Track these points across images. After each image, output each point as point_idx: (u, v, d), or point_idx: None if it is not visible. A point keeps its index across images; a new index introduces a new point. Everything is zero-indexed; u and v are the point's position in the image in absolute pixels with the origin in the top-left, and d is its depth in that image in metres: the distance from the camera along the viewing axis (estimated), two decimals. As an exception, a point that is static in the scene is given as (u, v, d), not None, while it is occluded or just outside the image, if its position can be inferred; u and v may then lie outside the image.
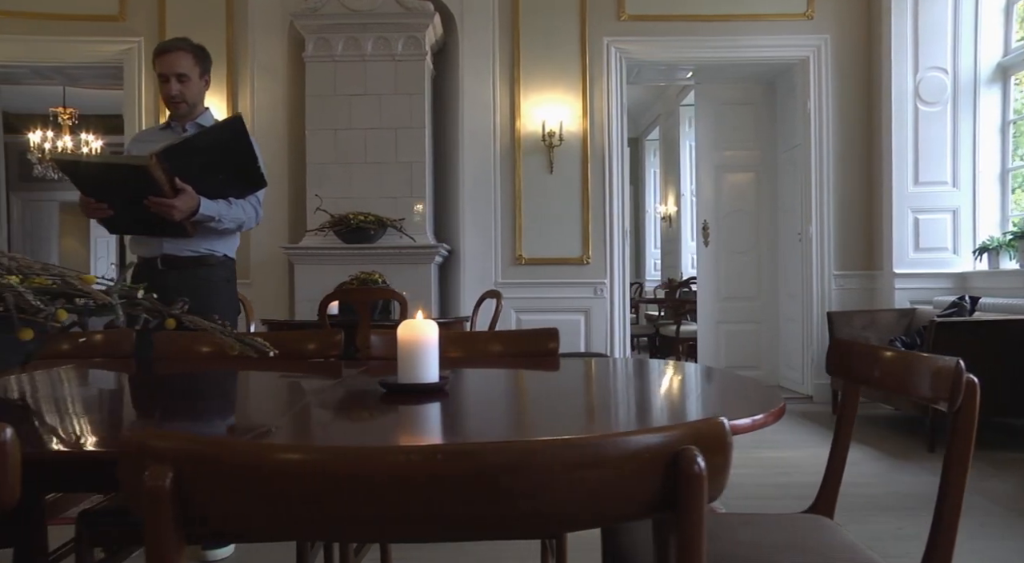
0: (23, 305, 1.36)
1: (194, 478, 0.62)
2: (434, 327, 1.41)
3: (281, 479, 0.61)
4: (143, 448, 0.62)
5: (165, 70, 2.86)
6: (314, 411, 1.31)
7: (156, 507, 0.61)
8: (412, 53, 5.76)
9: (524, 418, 1.30)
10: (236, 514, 0.63)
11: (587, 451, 0.65)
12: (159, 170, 2.45)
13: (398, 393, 1.40)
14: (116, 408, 1.46)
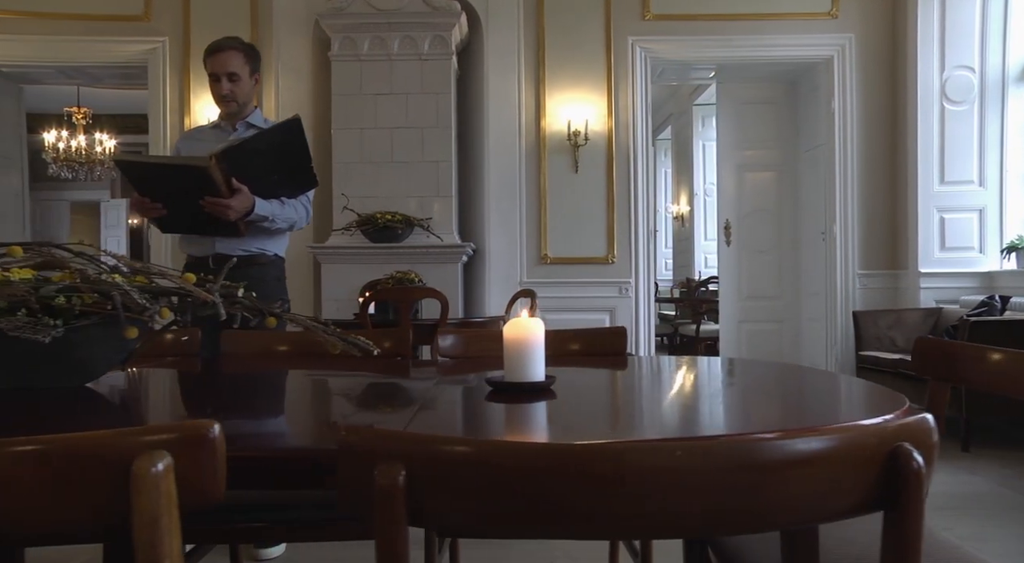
0: (129, 303, 1.36)
1: (425, 476, 0.61)
2: (541, 326, 1.41)
3: (515, 476, 0.61)
4: (372, 446, 0.62)
5: (216, 69, 2.87)
6: (442, 411, 1.31)
7: (389, 505, 0.61)
8: (438, 52, 5.76)
9: (664, 417, 1.29)
10: (466, 511, 0.62)
11: (811, 447, 0.65)
12: (218, 171, 2.45)
13: (505, 392, 1.39)
14: (249, 406, 1.46)
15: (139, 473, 0.64)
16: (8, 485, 0.64)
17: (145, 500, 0.64)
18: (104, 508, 0.66)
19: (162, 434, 0.66)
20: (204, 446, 0.67)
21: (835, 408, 1.24)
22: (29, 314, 1.34)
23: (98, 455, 0.65)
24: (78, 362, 1.41)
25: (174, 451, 0.66)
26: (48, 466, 0.64)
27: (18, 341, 1.32)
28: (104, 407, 1.41)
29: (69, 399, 1.37)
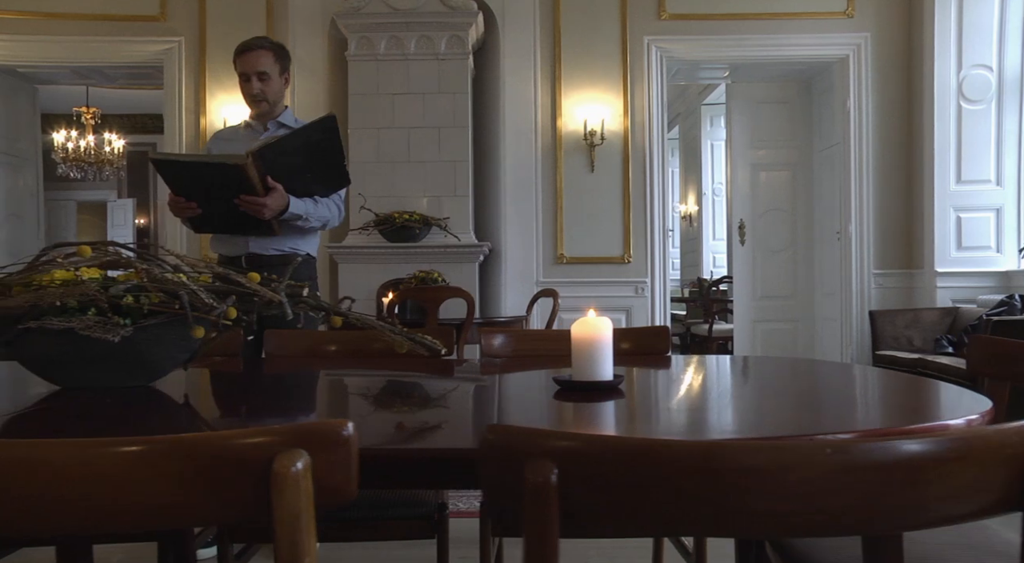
0: (196, 303, 1.35)
1: (576, 474, 0.61)
2: (609, 325, 1.40)
3: (669, 473, 0.60)
4: (521, 444, 0.61)
5: (246, 69, 2.86)
6: (526, 410, 1.30)
7: (541, 503, 0.60)
8: (455, 52, 5.76)
9: (765, 415, 1.28)
10: (618, 509, 0.62)
11: (957, 445, 0.64)
12: (253, 169, 2.45)
13: (574, 390, 1.39)
14: (338, 404, 1.45)
15: (280, 472, 0.64)
16: (151, 481, 0.64)
17: (287, 498, 0.64)
18: (244, 505, 0.65)
19: (300, 433, 0.66)
20: (339, 445, 0.67)
21: (930, 407, 1.24)
22: (99, 313, 1.34)
23: (240, 453, 0.64)
24: (144, 361, 1.41)
25: (311, 450, 0.66)
26: (191, 463, 0.64)
27: (88, 340, 1.32)
28: (207, 407, 1.41)
29: (156, 398, 1.37)
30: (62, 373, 1.40)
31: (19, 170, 6.68)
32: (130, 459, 0.63)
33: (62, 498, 0.63)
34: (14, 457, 0.62)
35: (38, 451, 0.63)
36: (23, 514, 0.63)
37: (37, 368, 1.42)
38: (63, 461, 0.63)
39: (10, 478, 0.63)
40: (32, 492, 0.63)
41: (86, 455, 0.62)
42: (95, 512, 0.63)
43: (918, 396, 1.27)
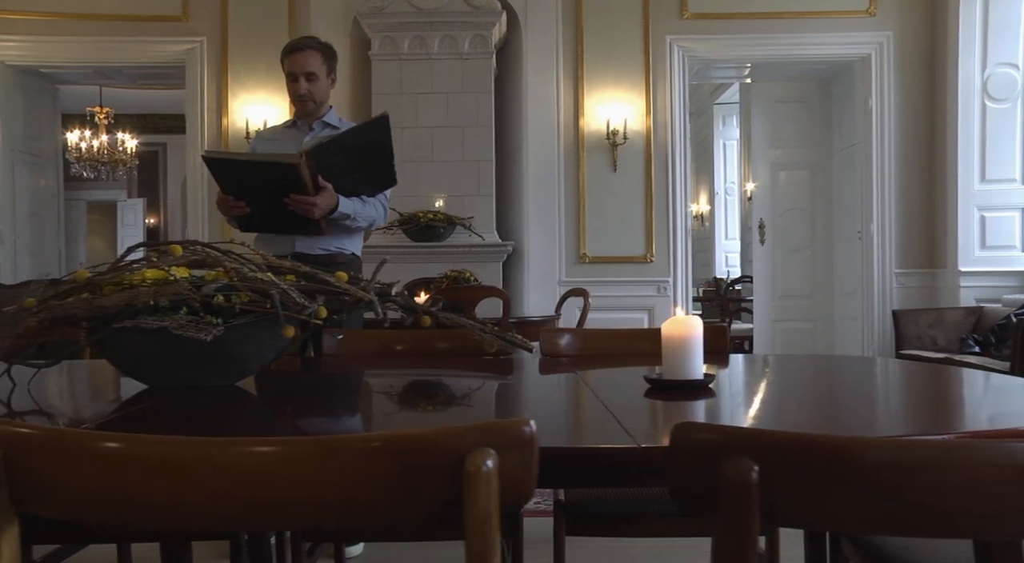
0: (287, 302, 1.35)
1: (775, 471, 0.60)
2: (699, 324, 1.40)
3: (866, 470, 0.60)
4: (721, 443, 0.61)
5: (294, 69, 2.86)
6: (635, 411, 1.29)
7: (741, 500, 0.60)
8: (479, 51, 5.76)
9: (874, 413, 1.28)
10: (815, 506, 0.61)
11: None
12: (306, 168, 2.45)
13: (665, 390, 1.38)
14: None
15: (472, 470, 0.63)
16: (347, 478, 0.63)
17: (480, 497, 0.63)
18: (431, 503, 0.65)
19: (488, 431, 0.65)
20: (523, 444, 0.66)
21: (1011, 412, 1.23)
22: (190, 313, 1.33)
23: (432, 451, 0.64)
24: (233, 361, 1.41)
25: (497, 448, 0.65)
26: (383, 461, 0.64)
27: (180, 339, 1.32)
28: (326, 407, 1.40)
29: (265, 397, 1.37)
30: (152, 372, 1.40)
31: (41, 170, 6.69)
32: (320, 456, 0.63)
33: (251, 495, 0.63)
34: (206, 455, 0.62)
35: (228, 449, 0.63)
36: (218, 510, 0.63)
37: (127, 367, 1.42)
38: (252, 458, 0.63)
39: (202, 474, 0.63)
40: (224, 489, 0.63)
41: (282, 453, 0.62)
42: (287, 509, 0.63)
43: (1009, 394, 1.27)
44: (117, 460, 0.65)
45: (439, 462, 0.64)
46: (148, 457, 0.64)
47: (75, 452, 0.66)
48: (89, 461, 0.66)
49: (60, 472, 0.67)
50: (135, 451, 0.64)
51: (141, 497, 0.65)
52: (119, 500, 0.66)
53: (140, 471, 0.65)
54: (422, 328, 1.70)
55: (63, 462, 0.67)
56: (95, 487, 0.66)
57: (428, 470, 0.64)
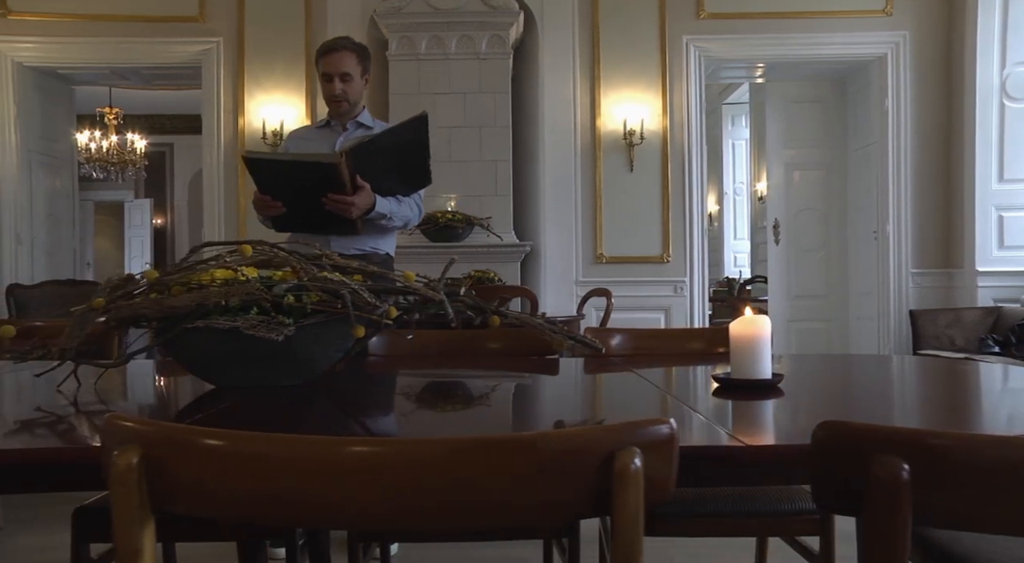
0: (358, 302, 1.35)
1: (926, 470, 0.60)
2: (767, 323, 1.40)
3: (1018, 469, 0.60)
4: (870, 441, 0.61)
5: (329, 69, 2.86)
6: (718, 410, 1.29)
7: (891, 499, 0.60)
8: (496, 52, 5.76)
9: (953, 413, 1.28)
10: (967, 505, 0.61)
11: None
12: (345, 168, 2.45)
13: (734, 389, 1.38)
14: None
15: (622, 469, 0.63)
16: (496, 477, 0.63)
17: (629, 496, 0.63)
18: (578, 503, 0.65)
19: (634, 431, 0.65)
20: (664, 443, 0.66)
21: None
22: (261, 313, 1.33)
23: (583, 451, 0.64)
24: (302, 360, 1.41)
25: (641, 447, 0.65)
26: (534, 460, 0.63)
27: (251, 340, 1.32)
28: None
29: (345, 396, 1.36)
30: (223, 372, 1.40)
31: (56, 171, 6.70)
32: (472, 454, 0.63)
33: (400, 494, 0.63)
34: (374, 454, 0.62)
35: (386, 448, 0.63)
36: (361, 509, 0.63)
37: (196, 367, 1.42)
38: (399, 458, 0.63)
39: (350, 474, 0.63)
40: (370, 488, 0.63)
41: (434, 451, 0.62)
42: (434, 509, 0.63)
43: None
44: (260, 459, 0.65)
45: (587, 462, 0.64)
46: (293, 457, 0.64)
47: (216, 451, 0.66)
48: (230, 460, 0.66)
49: (197, 470, 0.67)
50: (279, 451, 0.64)
51: (284, 496, 0.65)
52: (260, 498, 0.66)
53: (284, 470, 0.65)
54: (469, 328, 1.70)
55: (202, 460, 0.67)
56: (235, 485, 0.66)
57: (575, 470, 0.64)
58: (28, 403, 1.41)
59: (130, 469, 0.68)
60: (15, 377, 1.72)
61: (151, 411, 1.42)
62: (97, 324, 1.44)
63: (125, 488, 0.67)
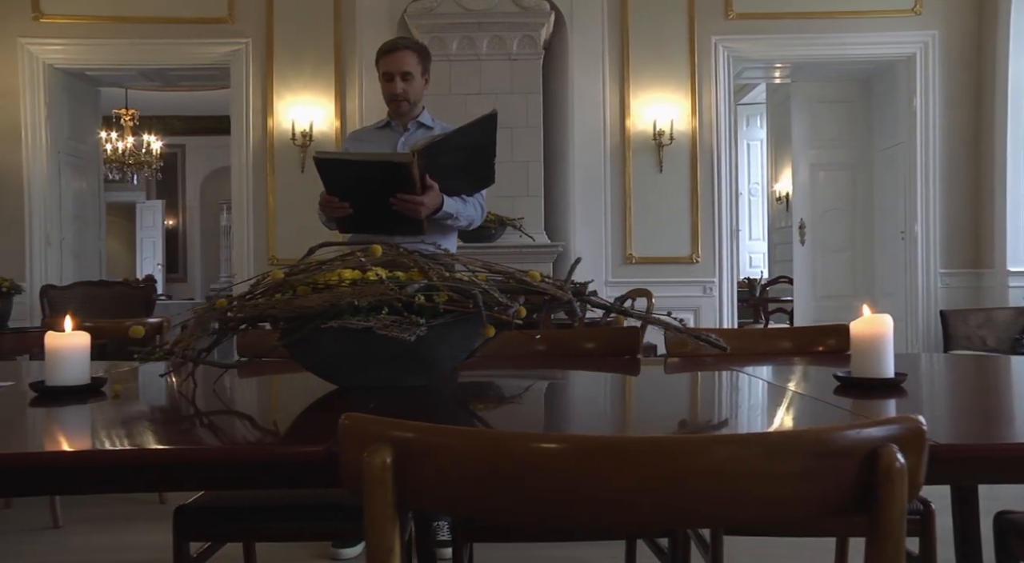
0: (489, 302, 1.36)
1: None
2: (889, 322, 1.40)
3: None
4: None
5: (391, 69, 2.87)
6: (864, 410, 1.29)
7: None
8: (527, 52, 5.76)
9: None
10: None
11: None
12: (416, 167, 2.45)
13: (855, 387, 1.38)
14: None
15: (887, 466, 0.64)
16: (765, 473, 0.64)
17: (896, 492, 0.64)
18: (844, 502, 0.65)
19: (891, 428, 0.66)
20: (917, 439, 0.67)
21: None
22: (391, 313, 1.34)
23: (848, 448, 0.64)
24: (430, 360, 1.41)
25: (897, 444, 0.66)
26: (801, 455, 0.64)
27: (382, 340, 1.32)
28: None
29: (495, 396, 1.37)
30: (350, 372, 1.40)
31: (83, 172, 6.71)
32: (738, 451, 0.63)
33: (671, 490, 0.64)
34: (638, 450, 0.63)
35: (651, 446, 0.63)
36: (649, 507, 0.64)
37: (324, 367, 1.42)
38: (674, 453, 0.63)
39: (646, 471, 0.63)
40: (646, 484, 0.64)
41: (712, 448, 0.63)
42: (703, 505, 0.64)
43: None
44: (523, 457, 0.65)
45: (849, 459, 0.64)
46: (558, 454, 0.64)
47: (474, 450, 0.66)
48: (487, 458, 0.66)
49: (451, 469, 0.68)
50: (542, 449, 0.65)
51: (543, 493, 0.65)
52: (519, 497, 0.66)
53: (545, 469, 0.65)
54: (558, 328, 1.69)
55: (456, 459, 0.67)
56: (492, 484, 0.67)
57: (839, 467, 0.64)
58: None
59: (384, 468, 0.68)
60: (147, 376, 1.73)
61: (290, 411, 1.43)
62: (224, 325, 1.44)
63: (381, 487, 0.68)
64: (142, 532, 3.24)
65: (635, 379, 1.79)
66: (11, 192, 6.05)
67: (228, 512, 1.81)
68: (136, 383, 1.69)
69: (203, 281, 14.94)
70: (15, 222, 6.06)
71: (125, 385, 1.57)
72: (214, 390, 1.49)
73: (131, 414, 1.35)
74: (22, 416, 1.31)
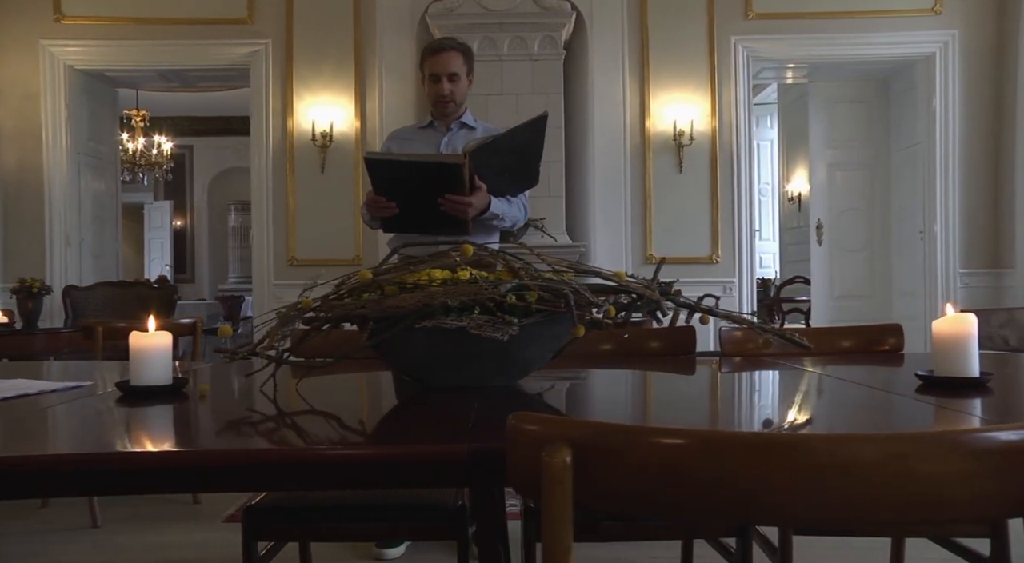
0: (580, 301, 1.36)
1: None
2: (974, 321, 1.40)
3: None
4: None
5: (437, 70, 2.87)
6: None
7: None
8: (548, 53, 5.77)
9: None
10: None
11: None
12: (467, 169, 2.45)
13: (938, 386, 1.38)
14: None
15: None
16: (953, 471, 0.64)
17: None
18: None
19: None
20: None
21: None
22: (483, 312, 1.34)
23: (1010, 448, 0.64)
24: (518, 360, 1.41)
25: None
26: (989, 454, 0.64)
27: (474, 339, 1.32)
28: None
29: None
30: (440, 372, 1.40)
31: (101, 173, 6.72)
32: (924, 449, 0.64)
33: (860, 489, 0.64)
34: (831, 449, 0.63)
35: (840, 445, 0.64)
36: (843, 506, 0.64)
37: (414, 367, 1.42)
38: (861, 452, 0.64)
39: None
40: (835, 483, 0.64)
41: (903, 447, 0.63)
42: (889, 505, 0.64)
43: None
44: (712, 455, 0.65)
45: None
46: (747, 452, 0.64)
47: (659, 448, 0.66)
48: (675, 457, 0.66)
49: (635, 467, 0.68)
50: (733, 448, 0.65)
51: (729, 493, 0.65)
52: (706, 496, 0.67)
53: (730, 467, 0.65)
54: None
55: (639, 458, 0.68)
56: (678, 483, 0.67)
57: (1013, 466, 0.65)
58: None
59: (565, 468, 0.68)
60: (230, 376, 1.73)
61: (377, 411, 1.43)
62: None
63: (562, 486, 0.68)
64: (178, 532, 3.25)
65: (720, 377, 1.79)
66: (32, 193, 6.06)
67: (293, 512, 1.82)
68: (215, 383, 1.70)
69: (211, 282, 14.95)
70: (36, 223, 6.07)
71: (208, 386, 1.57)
72: (296, 390, 1.49)
73: (232, 414, 1.35)
74: (122, 415, 1.31)
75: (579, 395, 1.58)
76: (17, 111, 6.07)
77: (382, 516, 1.82)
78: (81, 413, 1.31)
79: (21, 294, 4.01)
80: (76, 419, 1.29)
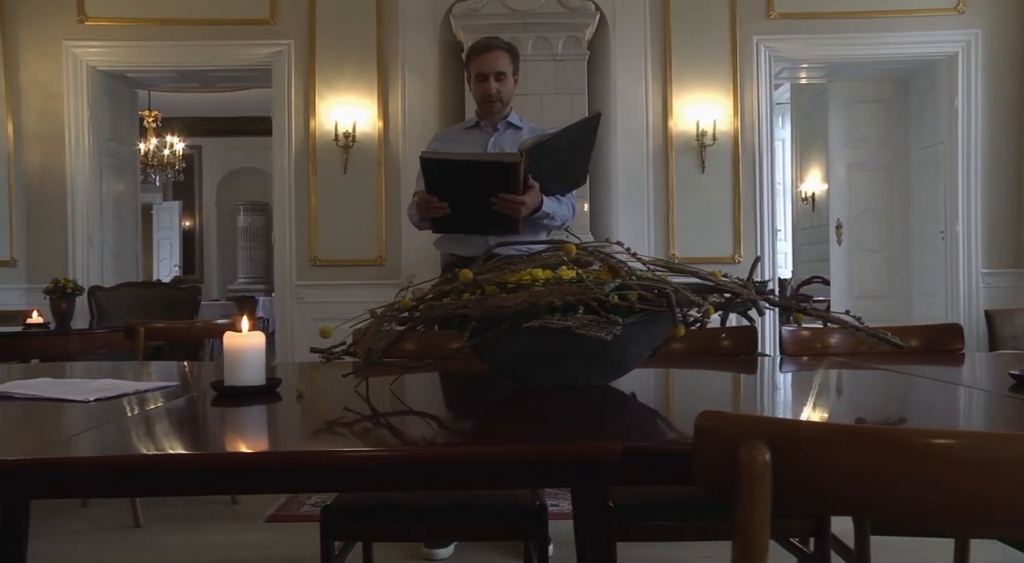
0: (681, 301, 1.36)
1: None
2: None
3: None
4: None
5: (484, 69, 2.86)
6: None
7: None
8: (572, 53, 5.76)
9: None
10: None
11: None
12: (522, 168, 2.45)
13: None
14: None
15: None
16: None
17: None
18: None
19: None
20: None
21: None
22: (587, 312, 1.34)
23: None
24: (617, 359, 1.41)
25: None
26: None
27: (578, 339, 1.32)
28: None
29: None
30: (542, 372, 1.40)
31: (122, 174, 6.72)
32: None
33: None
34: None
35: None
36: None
37: (515, 367, 1.42)
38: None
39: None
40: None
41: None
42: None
43: None
44: (923, 455, 0.65)
45: None
46: (962, 453, 0.64)
47: (866, 446, 0.66)
48: (880, 456, 0.66)
49: (837, 465, 0.68)
50: (946, 448, 0.64)
51: (935, 495, 0.65)
52: (907, 495, 0.66)
53: (940, 468, 0.65)
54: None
55: (839, 456, 0.67)
56: (887, 482, 0.66)
57: None
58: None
59: (765, 466, 0.68)
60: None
61: (477, 414, 1.43)
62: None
63: (763, 484, 0.68)
64: (219, 532, 3.25)
65: (810, 376, 1.79)
66: (55, 194, 6.06)
67: (368, 512, 1.82)
68: (308, 384, 1.69)
69: (220, 282, 14.97)
70: (58, 223, 6.07)
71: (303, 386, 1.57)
72: (391, 390, 1.49)
73: (338, 415, 1.35)
74: (233, 416, 1.31)
75: (675, 393, 1.58)
76: (40, 112, 6.07)
77: (458, 516, 1.82)
78: (190, 412, 1.31)
79: (55, 295, 4.01)
80: (187, 418, 1.29)
